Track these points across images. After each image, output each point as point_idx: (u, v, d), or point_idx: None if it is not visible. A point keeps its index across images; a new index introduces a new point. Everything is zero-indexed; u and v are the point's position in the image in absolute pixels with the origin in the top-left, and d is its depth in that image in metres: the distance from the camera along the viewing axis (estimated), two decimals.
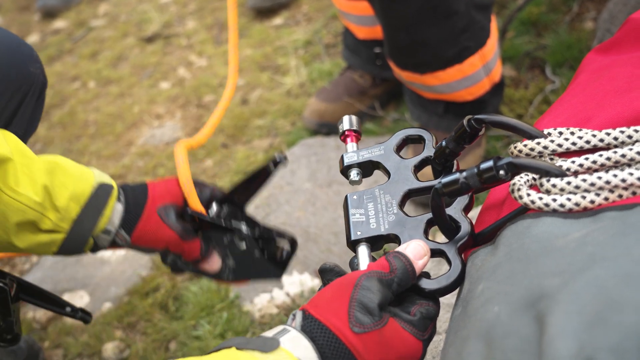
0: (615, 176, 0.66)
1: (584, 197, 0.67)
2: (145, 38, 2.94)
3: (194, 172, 2.04)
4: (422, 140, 0.89)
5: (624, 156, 0.69)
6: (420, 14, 1.44)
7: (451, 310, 0.90)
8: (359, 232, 0.81)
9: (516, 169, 0.68)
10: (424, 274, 0.76)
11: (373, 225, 0.81)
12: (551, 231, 0.65)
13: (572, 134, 0.76)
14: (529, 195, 0.70)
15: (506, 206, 0.77)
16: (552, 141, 0.75)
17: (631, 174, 0.65)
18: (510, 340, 0.56)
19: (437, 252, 0.77)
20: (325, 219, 1.67)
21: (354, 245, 0.81)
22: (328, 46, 2.45)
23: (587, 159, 0.71)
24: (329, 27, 2.56)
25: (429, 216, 0.79)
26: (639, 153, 0.68)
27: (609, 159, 0.70)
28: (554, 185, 0.69)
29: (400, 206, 0.82)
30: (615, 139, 0.72)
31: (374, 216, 0.82)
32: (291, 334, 0.68)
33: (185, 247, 1.14)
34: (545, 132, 0.78)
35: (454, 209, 0.78)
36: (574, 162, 0.71)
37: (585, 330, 0.50)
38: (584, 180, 0.67)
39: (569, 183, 0.68)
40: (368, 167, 0.89)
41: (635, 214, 0.62)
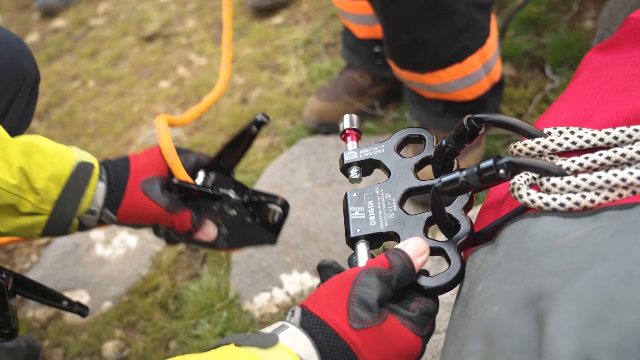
0: (615, 175, 0.66)
1: (583, 196, 0.67)
2: (145, 37, 2.93)
3: None
4: (422, 140, 0.89)
5: (623, 155, 0.69)
6: (420, 14, 1.44)
7: (451, 309, 0.90)
8: (358, 230, 0.81)
9: (516, 168, 0.68)
10: (423, 271, 0.76)
11: (373, 223, 0.81)
12: (551, 230, 0.65)
13: (572, 133, 0.76)
14: (528, 194, 0.70)
15: (506, 205, 0.77)
16: (552, 140, 0.75)
17: (631, 173, 0.65)
18: (510, 340, 0.56)
19: (437, 250, 0.77)
20: (325, 218, 1.67)
21: (353, 242, 0.81)
22: (328, 45, 2.45)
23: (587, 158, 0.71)
24: (328, 26, 2.55)
25: (428, 215, 0.79)
26: (638, 152, 0.68)
27: (608, 158, 0.69)
28: (553, 185, 0.69)
29: (400, 204, 0.82)
30: (615, 138, 0.72)
31: (373, 214, 0.82)
32: (290, 330, 0.68)
33: (175, 219, 1.11)
34: (545, 131, 0.78)
35: (454, 208, 0.78)
36: (573, 161, 0.71)
37: (585, 329, 0.50)
38: (584, 180, 0.67)
39: (568, 182, 0.68)
40: (368, 166, 0.89)
41: (635, 213, 0.62)
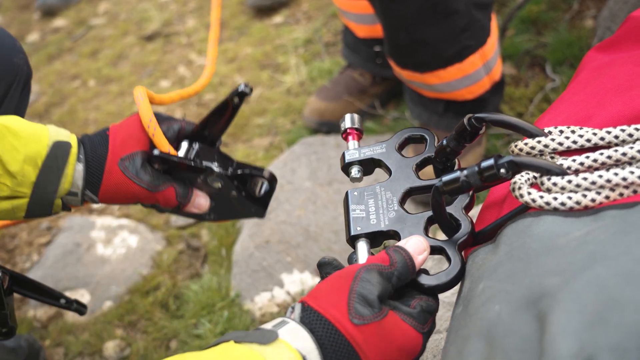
0: (616, 175, 0.66)
1: (584, 196, 0.67)
2: (145, 36, 2.93)
3: None
4: (424, 140, 0.89)
5: (624, 154, 0.69)
6: (420, 14, 1.44)
7: (452, 309, 0.90)
8: (358, 228, 0.81)
9: (517, 168, 0.68)
10: (423, 270, 0.76)
11: (373, 221, 0.81)
12: (552, 230, 0.65)
13: (573, 132, 0.76)
14: (529, 193, 0.70)
15: (507, 205, 0.77)
16: (552, 140, 0.75)
17: (632, 172, 0.65)
18: (511, 339, 0.56)
19: (437, 249, 0.77)
20: (326, 218, 1.67)
21: (353, 240, 0.81)
22: (328, 45, 2.45)
23: (588, 157, 0.71)
24: (328, 26, 2.55)
25: (429, 214, 0.79)
26: (639, 151, 0.68)
27: (609, 157, 0.69)
28: (554, 184, 0.69)
29: (401, 203, 0.82)
30: (616, 137, 0.72)
31: (374, 212, 0.82)
32: (290, 325, 0.68)
33: (159, 197, 1.06)
34: (546, 130, 0.78)
35: (455, 207, 0.78)
36: (574, 160, 0.71)
37: (586, 329, 0.50)
38: (585, 179, 0.67)
39: (569, 182, 0.68)
40: (369, 165, 0.90)
41: (636, 213, 0.62)
